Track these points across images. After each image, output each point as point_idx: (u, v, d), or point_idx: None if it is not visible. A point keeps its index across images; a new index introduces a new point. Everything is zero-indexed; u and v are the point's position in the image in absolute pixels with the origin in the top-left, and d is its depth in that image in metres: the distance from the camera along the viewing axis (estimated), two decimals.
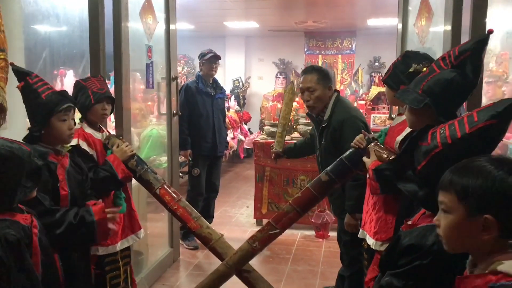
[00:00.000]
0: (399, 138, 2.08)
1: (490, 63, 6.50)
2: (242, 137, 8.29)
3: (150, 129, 4.76)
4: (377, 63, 9.12)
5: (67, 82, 3.72)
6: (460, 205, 1.10)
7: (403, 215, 1.70)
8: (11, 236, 1.43)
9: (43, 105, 1.93)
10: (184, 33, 8.28)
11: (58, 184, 1.88)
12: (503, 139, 3.65)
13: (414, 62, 2.02)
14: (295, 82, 9.20)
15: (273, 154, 3.35)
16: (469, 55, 1.54)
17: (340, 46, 9.19)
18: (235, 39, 9.74)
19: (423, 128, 1.42)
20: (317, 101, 2.87)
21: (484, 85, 6.50)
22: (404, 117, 1.95)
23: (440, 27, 2.62)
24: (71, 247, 1.88)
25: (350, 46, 9.14)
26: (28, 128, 1.97)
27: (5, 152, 1.45)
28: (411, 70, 2.02)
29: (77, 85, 2.40)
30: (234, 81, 9.72)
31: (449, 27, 2.46)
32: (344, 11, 7.18)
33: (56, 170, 1.87)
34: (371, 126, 6.50)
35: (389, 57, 3.54)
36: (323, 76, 2.89)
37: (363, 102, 6.98)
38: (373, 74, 9.13)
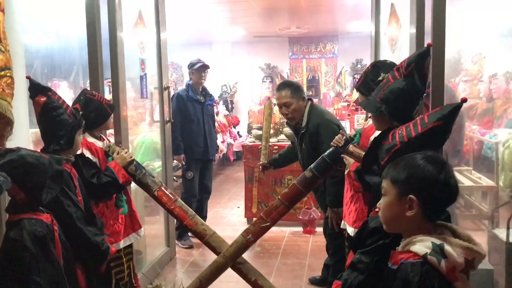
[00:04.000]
0: (372, 138, 2.35)
1: (465, 63, 6.84)
2: (231, 141, 8.54)
3: (142, 136, 4.99)
4: (359, 65, 9.43)
5: (60, 93, 3.94)
6: (392, 188, 1.36)
7: (374, 204, 1.97)
8: (39, 232, 1.68)
9: (70, 122, 2.14)
10: (172, 41, 8.50)
11: (76, 191, 2.12)
12: (480, 136, 3.95)
13: (382, 71, 2.29)
14: (279, 78, 9.53)
15: (260, 167, 3.63)
16: (414, 66, 1.82)
17: (323, 50, 9.52)
18: (221, 45, 9.98)
19: (385, 130, 1.69)
20: (295, 113, 3.18)
21: (461, 83, 6.85)
22: None
23: (406, 33, 2.89)
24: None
25: (333, 50, 9.48)
26: (52, 142, 2.13)
27: (31, 160, 1.70)
28: (380, 78, 2.28)
29: (90, 100, 2.57)
30: (222, 86, 9.96)
31: (413, 30, 2.72)
32: (325, 17, 7.48)
33: (73, 179, 2.12)
34: (355, 126, 6.79)
35: (370, 60, 3.82)
36: (295, 89, 3.19)
37: (346, 103, 7.26)
38: (355, 76, 9.44)
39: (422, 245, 1.26)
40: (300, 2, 6.42)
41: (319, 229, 4.48)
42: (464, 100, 1.50)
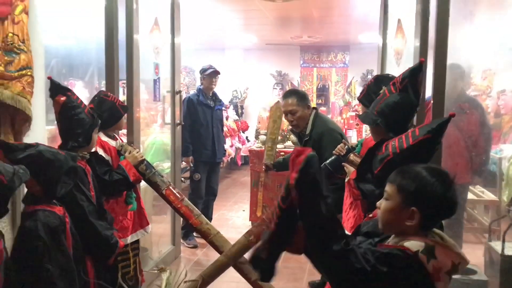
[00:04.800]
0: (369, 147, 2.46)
1: (475, 78, 6.90)
2: (239, 145, 8.66)
3: (153, 137, 5.14)
4: (369, 76, 9.51)
5: (76, 92, 4.09)
6: (398, 195, 1.43)
7: (370, 211, 2.07)
8: (52, 223, 1.81)
9: (87, 120, 2.28)
10: (186, 45, 8.66)
11: (89, 186, 2.25)
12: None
13: (383, 85, 2.39)
14: (289, 85, 9.63)
15: (263, 167, 3.74)
16: (407, 81, 1.92)
17: (334, 60, 9.63)
18: (234, 51, 10.12)
19: (379, 141, 1.79)
20: (300, 120, 3.29)
21: None
22: None
23: (411, 47, 3.00)
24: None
25: (344, 60, 9.58)
26: (70, 139, 2.25)
27: (49, 155, 1.83)
28: (381, 91, 2.39)
29: (104, 101, 2.71)
30: (233, 91, 10.09)
31: (418, 44, 2.83)
32: (336, 27, 7.59)
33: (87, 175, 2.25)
34: (363, 135, 6.88)
35: (378, 72, 3.94)
36: (301, 98, 3.31)
37: (354, 113, 7.35)
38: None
39: (415, 244, 1.35)
40: (312, 12, 6.54)
41: None
42: (452, 115, 1.60)
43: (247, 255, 2.56)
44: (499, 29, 5.23)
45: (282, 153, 4.93)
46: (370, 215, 1.84)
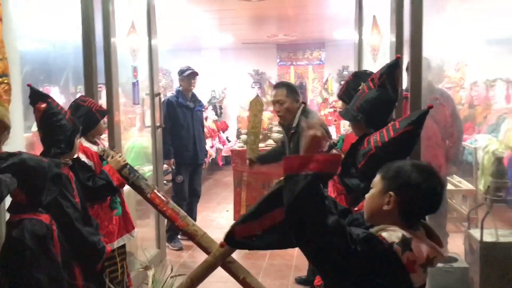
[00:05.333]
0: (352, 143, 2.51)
1: (448, 70, 7.06)
2: (220, 146, 8.66)
3: (132, 141, 5.10)
4: (345, 72, 9.61)
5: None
6: (380, 182, 1.47)
7: (354, 205, 2.11)
8: (39, 231, 1.80)
9: (69, 127, 2.26)
10: (161, 47, 8.61)
11: (74, 193, 2.24)
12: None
13: (362, 81, 2.44)
14: (267, 84, 9.68)
15: (247, 161, 3.77)
16: (385, 77, 1.97)
17: (310, 57, 9.72)
18: (210, 51, 10.10)
19: (361, 136, 1.84)
20: (287, 112, 3.34)
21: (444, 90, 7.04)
22: None
23: (387, 43, 3.06)
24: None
25: (320, 57, 9.68)
26: (53, 146, 2.23)
27: (32, 163, 1.82)
28: (360, 88, 2.44)
29: (79, 106, 2.68)
30: (211, 91, 10.08)
31: (393, 39, 2.89)
32: (311, 25, 7.66)
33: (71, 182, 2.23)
34: (341, 131, 6.98)
35: (355, 68, 4.01)
36: (291, 90, 3.36)
37: (332, 110, 7.44)
38: (342, 82, 9.61)
39: (392, 234, 1.39)
40: (287, 11, 6.59)
41: None
42: (430, 107, 1.65)
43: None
44: (469, 22, 5.38)
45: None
46: (356, 209, 1.88)
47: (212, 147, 8.16)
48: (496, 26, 5.54)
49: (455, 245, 3.60)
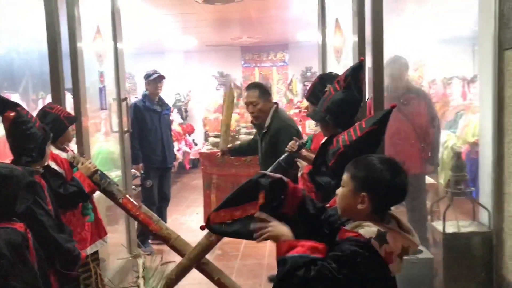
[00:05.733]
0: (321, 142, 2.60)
1: (407, 70, 7.30)
2: (187, 149, 8.64)
3: (98, 147, 5.04)
4: (309, 73, 9.80)
5: None
6: (350, 182, 1.56)
7: (325, 202, 2.19)
8: (15, 240, 1.79)
9: (40, 135, 2.24)
10: (125, 50, 8.51)
11: (47, 201, 2.22)
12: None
13: (328, 83, 2.53)
14: (233, 85, 9.73)
15: (218, 153, 3.82)
16: (350, 79, 2.07)
17: (274, 59, 9.86)
18: (174, 54, 10.05)
19: (330, 136, 1.93)
20: (260, 112, 3.43)
21: None
22: None
23: (350, 44, 3.18)
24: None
25: (284, 58, 9.83)
26: (23, 155, 2.21)
27: (5, 172, 1.80)
28: (326, 89, 2.53)
29: (46, 114, 2.65)
30: (175, 94, 10.04)
31: (356, 39, 3.00)
32: (275, 27, 7.78)
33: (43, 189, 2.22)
34: (307, 131, 7.10)
35: (319, 68, 4.14)
36: (264, 91, 3.46)
37: (297, 110, 7.56)
38: (305, 83, 9.79)
39: (368, 230, 1.48)
40: (251, 14, 6.67)
41: None
42: (393, 106, 1.76)
43: None
44: (427, 24, 5.60)
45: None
46: (328, 205, 1.96)
47: (178, 150, 8.14)
48: (451, 27, 5.81)
49: (420, 237, 3.75)
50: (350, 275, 1.44)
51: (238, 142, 4.24)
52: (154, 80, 4.68)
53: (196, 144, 9.17)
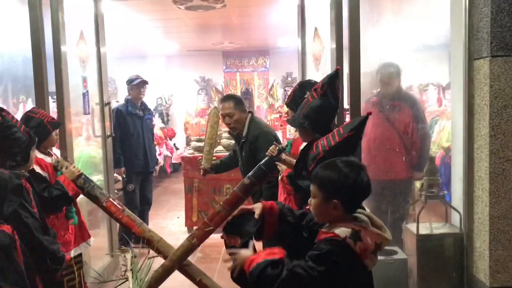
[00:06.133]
0: (301, 147, 2.69)
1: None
2: (168, 153, 8.67)
3: (79, 151, 5.04)
4: (289, 78, 9.94)
5: None
6: (319, 192, 1.67)
7: (304, 203, 2.29)
8: (3, 241, 1.83)
9: (24, 139, 2.28)
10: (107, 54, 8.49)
11: (32, 204, 2.26)
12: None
13: (307, 90, 2.62)
14: (214, 90, 9.80)
15: (202, 171, 3.88)
16: (327, 87, 2.18)
17: (256, 64, 9.98)
18: (155, 58, 10.07)
19: (309, 142, 2.02)
20: (236, 123, 3.51)
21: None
22: None
23: (328, 52, 3.29)
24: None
25: (265, 64, 9.97)
26: (8, 159, 2.25)
27: None
28: (306, 96, 2.63)
29: (30, 118, 2.67)
30: (157, 99, 10.05)
31: (334, 46, 3.12)
32: (256, 33, 7.89)
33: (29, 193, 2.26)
34: (287, 135, 7.21)
35: (299, 74, 4.28)
36: (237, 102, 3.54)
37: (278, 115, 7.67)
38: (286, 88, 9.93)
39: (343, 230, 1.59)
40: (232, 20, 6.76)
41: None
42: (369, 114, 1.86)
43: None
44: (402, 32, 5.77)
45: (214, 158, 5.07)
46: (308, 207, 2.05)
47: (160, 154, 8.16)
48: (426, 35, 5.98)
49: (394, 239, 3.87)
50: (327, 272, 1.54)
51: (218, 154, 4.29)
52: (137, 85, 4.73)
53: (177, 149, 9.20)
